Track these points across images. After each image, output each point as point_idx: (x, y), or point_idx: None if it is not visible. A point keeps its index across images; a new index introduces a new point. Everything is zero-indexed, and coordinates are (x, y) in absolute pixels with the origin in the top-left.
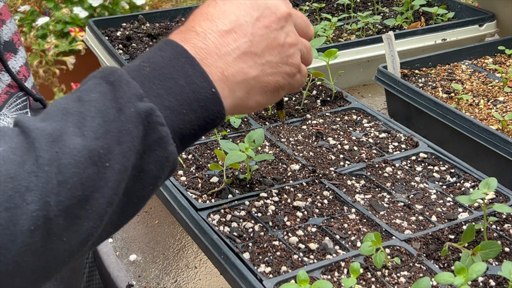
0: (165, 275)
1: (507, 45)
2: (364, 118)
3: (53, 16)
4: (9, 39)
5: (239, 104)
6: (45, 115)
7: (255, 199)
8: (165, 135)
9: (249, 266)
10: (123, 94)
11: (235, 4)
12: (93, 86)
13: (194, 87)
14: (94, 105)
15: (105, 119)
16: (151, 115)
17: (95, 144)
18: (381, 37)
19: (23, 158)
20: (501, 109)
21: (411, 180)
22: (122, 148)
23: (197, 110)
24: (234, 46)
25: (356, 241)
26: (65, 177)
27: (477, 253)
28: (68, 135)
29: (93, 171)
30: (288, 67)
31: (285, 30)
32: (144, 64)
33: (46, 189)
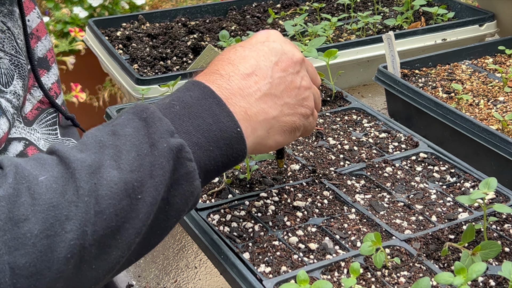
0: (165, 275)
1: (507, 45)
2: (364, 118)
3: (53, 16)
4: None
5: (259, 142)
6: (82, 146)
7: (255, 199)
8: (192, 170)
9: (249, 266)
10: (156, 130)
11: (254, 50)
12: (127, 121)
13: (221, 126)
14: (129, 139)
15: (139, 153)
16: (181, 150)
17: (130, 177)
18: (381, 37)
19: (64, 187)
20: (501, 109)
21: (411, 180)
22: (154, 181)
23: (223, 148)
24: (255, 88)
25: (356, 241)
26: (102, 207)
27: (477, 253)
28: (106, 167)
29: (127, 203)
30: (303, 109)
31: (301, 75)
32: (174, 102)
33: (85, 219)
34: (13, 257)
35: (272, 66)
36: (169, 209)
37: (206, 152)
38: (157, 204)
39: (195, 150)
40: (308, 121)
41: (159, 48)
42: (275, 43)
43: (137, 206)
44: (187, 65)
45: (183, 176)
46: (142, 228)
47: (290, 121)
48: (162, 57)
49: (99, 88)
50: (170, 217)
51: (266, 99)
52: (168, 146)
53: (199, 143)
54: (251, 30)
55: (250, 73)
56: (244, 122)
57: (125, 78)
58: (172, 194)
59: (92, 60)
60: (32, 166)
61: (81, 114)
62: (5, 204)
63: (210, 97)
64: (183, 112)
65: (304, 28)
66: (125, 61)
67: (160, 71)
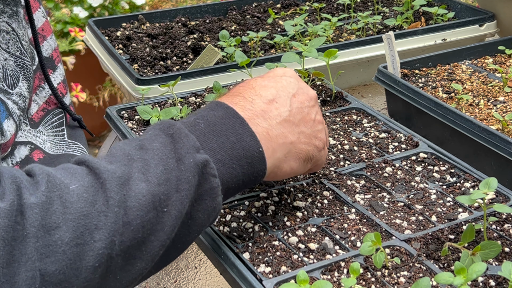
0: (165, 275)
1: (507, 45)
2: (364, 118)
3: (53, 16)
4: (49, 56)
5: (277, 165)
6: (111, 157)
7: (255, 199)
8: (216, 186)
9: (249, 266)
10: (183, 145)
11: (273, 81)
12: (154, 136)
13: (244, 145)
14: (157, 153)
15: (166, 167)
16: (206, 166)
17: (158, 190)
18: (381, 37)
19: (94, 197)
20: (501, 109)
21: (411, 180)
22: (180, 195)
23: (244, 166)
24: (276, 112)
25: (356, 241)
26: (130, 219)
27: (477, 253)
28: (134, 179)
29: (153, 215)
30: (317, 141)
31: (315, 109)
32: (199, 121)
33: (114, 229)
34: (44, 264)
35: (291, 97)
36: (192, 224)
37: (229, 169)
38: (181, 217)
39: (218, 167)
40: (321, 154)
41: (159, 48)
42: (291, 79)
43: (162, 218)
44: (187, 65)
45: (207, 191)
46: (166, 240)
47: (305, 149)
48: (162, 57)
49: (99, 88)
50: (192, 232)
51: (286, 125)
52: (194, 161)
53: (222, 160)
54: (251, 30)
55: (271, 99)
56: (265, 142)
57: (125, 78)
58: (195, 209)
59: (92, 60)
60: (62, 174)
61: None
62: (38, 211)
63: (233, 117)
64: (208, 130)
65: (304, 28)
66: (125, 61)
67: (160, 71)
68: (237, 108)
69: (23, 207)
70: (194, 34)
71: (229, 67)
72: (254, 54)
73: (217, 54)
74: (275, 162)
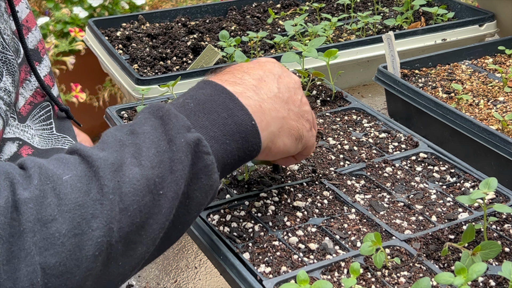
0: (165, 275)
1: (507, 45)
2: (364, 118)
3: (53, 16)
4: (34, 47)
5: (271, 139)
6: (102, 144)
7: (255, 199)
8: (210, 163)
9: (249, 266)
10: (173, 126)
11: (258, 66)
12: (144, 120)
13: (236, 119)
14: (148, 137)
15: (158, 150)
16: (199, 144)
17: (151, 173)
18: (381, 37)
19: (88, 186)
20: (501, 109)
21: (411, 180)
22: (174, 176)
23: (239, 141)
24: (266, 89)
25: (356, 241)
26: (126, 204)
27: (477, 253)
28: (127, 165)
29: (149, 199)
30: (304, 121)
31: (300, 92)
32: (187, 100)
33: (110, 216)
34: (44, 257)
35: (277, 78)
36: (190, 203)
37: (223, 145)
38: (178, 198)
39: (212, 143)
40: (309, 134)
41: (159, 48)
42: (275, 64)
43: (159, 201)
44: (187, 65)
45: (202, 169)
46: (165, 223)
47: (296, 126)
48: (162, 57)
49: (99, 88)
50: (191, 211)
51: (276, 100)
52: (186, 140)
53: (215, 136)
54: (251, 30)
55: (259, 78)
56: (259, 115)
57: (125, 78)
58: (192, 188)
59: (92, 60)
60: (55, 165)
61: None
62: (33, 206)
63: (223, 93)
64: (198, 108)
65: (304, 28)
66: (125, 61)
67: (160, 71)
68: (227, 85)
69: (18, 203)
70: (194, 34)
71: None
72: (254, 54)
73: (217, 54)
74: (269, 136)
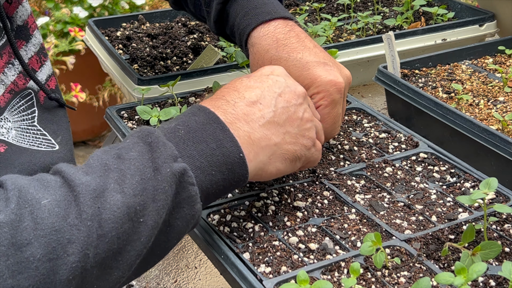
0: (165, 275)
1: (507, 45)
2: (364, 118)
3: (53, 16)
4: (23, 23)
5: (261, 168)
6: (88, 168)
7: (255, 199)
8: (194, 194)
9: (249, 266)
10: (160, 155)
11: (259, 81)
12: (132, 145)
13: (224, 151)
14: (134, 163)
15: (142, 177)
16: (184, 175)
17: (133, 201)
18: (381, 37)
19: (66, 211)
20: (501, 109)
21: (411, 180)
22: (156, 205)
23: (225, 172)
24: (259, 114)
25: (356, 241)
26: (105, 231)
27: (477, 253)
28: (110, 191)
29: (129, 226)
30: (305, 140)
31: (303, 107)
32: (179, 127)
33: (87, 242)
34: (17, 280)
35: (276, 97)
36: (170, 231)
37: (208, 176)
38: (158, 227)
39: (197, 174)
40: (310, 152)
41: (159, 48)
42: (279, 77)
43: (139, 229)
44: (187, 65)
45: (185, 199)
46: (143, 250)
47: (291, 149)
48: (162, 57)
49: (99, 88)
50: (171, 238)
51: (269, 126)
52: (171, 171)
53: (201, 167)
54: None
55: (255, 101)
56: (247, 146)
57: (125, 78)
58: (173, 217)
59: (92, 60)
60: (35, 188)
61: (81, 114)
62: (7, 230)
63: (214, 122)
64: (188, 137)
65: (304, 28)
66: (125, 61)
67: (160, 71)
68: (219, 112)
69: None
70: (194, 34)
71: (229, 67)
72: None
73: (217, 54)
74: (258, 165)
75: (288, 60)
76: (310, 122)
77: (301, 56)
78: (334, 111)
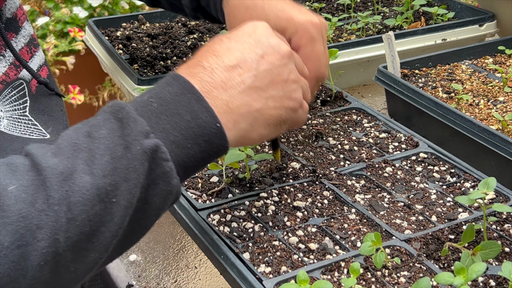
0: (165, 275)
1: (507, 45)
2: (364, 118)
3: (53, 16)
4: (12, 15)
5: (242, 135)
6: (56, 149)
7: (255, 199)
8: (169, 170)
9: (249, 266)
10: (131, 132)
11: (240, 42)
12: (103, 122)
13: (199, 122)
14: (103, 142)
15: (113, 156)
16: (156, 151)
17: (103, 182)
18: (381, 37)
19: (34, 196)
20: (501, 109)
21: (411, 180)
22: (128, 184)
23: (202, 144)
24: (239, 80)
25: (356, 241)
26: (74, 214)
27: (477, 253)
28: (78, 173)
29: (100, 208)
30: (290, 102)
31: (288, 67)
32: (152, 99)
33: (56, 227)
34: None
35: (258, 59)
36: (148, 208)
37: (184, 149)
38: (132, 206)
39: (172, 148)
40: (297, 114)
41: (159, 48)
42: (261, 36)
43: (111, 210)
44: None
45: (160, 176)
46: (118, 230)
47: (275, 114)
48: (162, 57)
49: (99, 88)
50: (149, 216)
51: (250, 92)
52: (142, 148)
53: (176, 141)
54: None
55: (234, 65)
56: (225, 115)
57: (125, 78)
58: (150, 194)
59: (92, 60)
60: (3, 173)
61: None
62: None
63: (189, 92)
64: (161, 110)
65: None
66: (125, 61)
67: (160, 71)
68: (194, 81)
69: None
70: (194, 34)
71: None
72: None
73: None
74: (239, 133)
75: (264, 6)
76: (295, 83)
77: (276, 2)
78: (316, 48)
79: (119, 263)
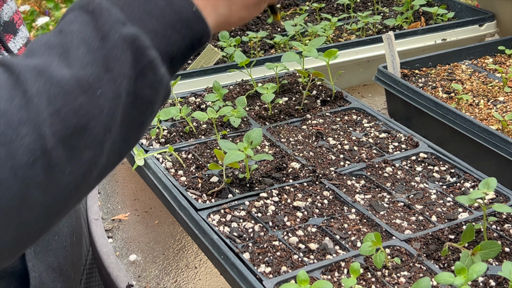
0: (165, 275)
1: (507, 45)
2: (364, 118)
3: (53, 16)
4: (10, 19)
5: (222, 21)
6: (28, 52)
7: (255, 199)
8: (154, 58)
9: (249, 266)
10: (105, 21)
11: None
12: (73, 17)
13: (175, 8)
14: (77, 35)
15: (89, 48)
16: (137, 39)
17: (83, 73)
18: (381, 37)
19: (11, 93)
20: (501, 109)
21: (411, 180)
22: (111, 74)
23: (181, 31)
24: None
25: (356, 241)
26: (56, 107)
27: (477, 253)
28: (54, 67)
29: (84, 100)
30: None
31: None
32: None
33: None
34: None
35: None
36: (140, 102)
37: (164, 38)
38: (121, 98)
39: (152, 37)
40: None
41: None
42: None
43: (98, 102)
44: (187, 65)
45: (147, 65)
46: (109, 124)
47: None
48: None
49: None
50: (144, 110)
51: None
52: (121, 36)
53: (154, 29)
54: (251, 30)
55: None
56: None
57: None
58: (139, 86)
59: None
60: None
61: None
62: None
63: None
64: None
65: (304, 28)
66: None
67: None
68: None
69: None
70: None
71: (229, 67)
72: (254, 54)
73: (217, 54)
74: (219, 19)
75: None
76: None
77: None
78: None
79: (119, 263)
